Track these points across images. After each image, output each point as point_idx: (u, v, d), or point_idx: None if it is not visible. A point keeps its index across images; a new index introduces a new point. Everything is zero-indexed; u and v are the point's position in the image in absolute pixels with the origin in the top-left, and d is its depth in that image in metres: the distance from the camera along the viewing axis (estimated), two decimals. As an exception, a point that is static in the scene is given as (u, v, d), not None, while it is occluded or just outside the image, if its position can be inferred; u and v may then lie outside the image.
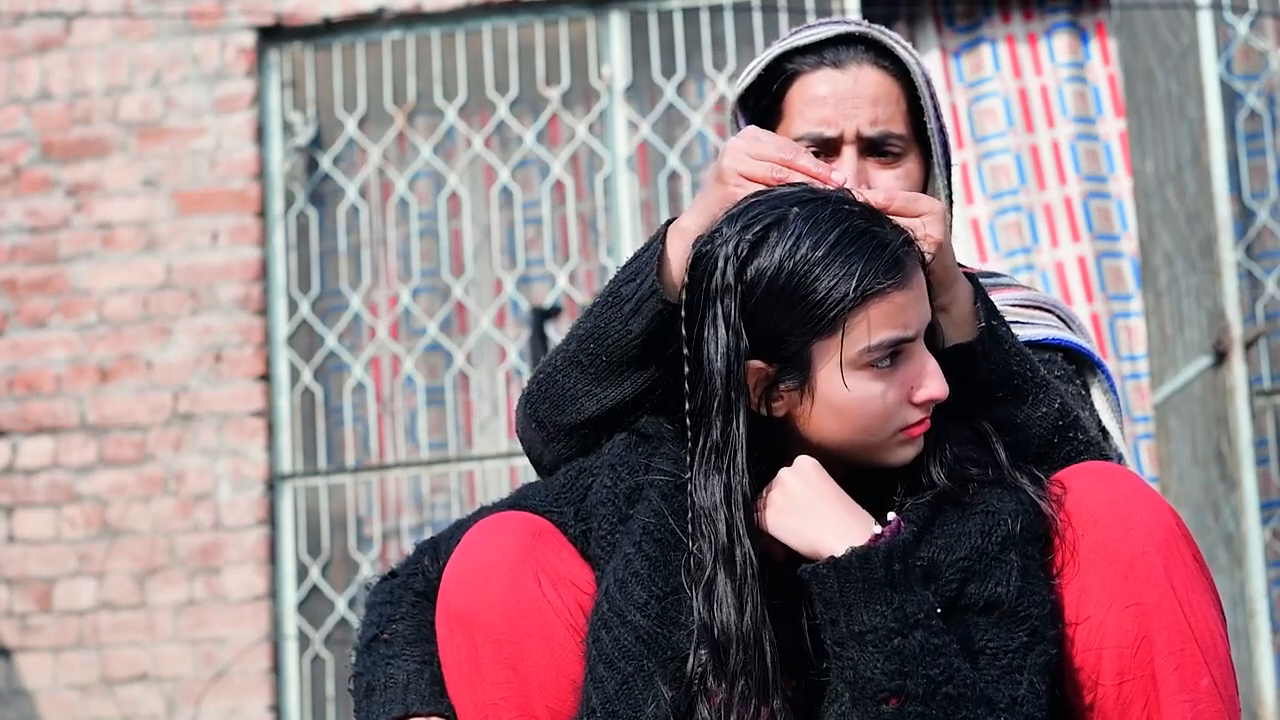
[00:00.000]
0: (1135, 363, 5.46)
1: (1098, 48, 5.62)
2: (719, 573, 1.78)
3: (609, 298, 1.96)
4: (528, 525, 1.91)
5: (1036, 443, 1.92)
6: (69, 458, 5.44)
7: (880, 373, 1.79)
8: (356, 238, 5.70)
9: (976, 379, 1.89)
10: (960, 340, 1.89)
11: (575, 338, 1.99)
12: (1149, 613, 1.82)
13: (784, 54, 2.14)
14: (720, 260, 1.79)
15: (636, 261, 1.96)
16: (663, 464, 1.90)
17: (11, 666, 5.36)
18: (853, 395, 1.79)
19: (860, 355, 1.78)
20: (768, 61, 2.14)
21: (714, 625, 1.77)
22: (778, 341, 1.79)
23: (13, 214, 5.57)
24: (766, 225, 1.79)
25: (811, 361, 1.79)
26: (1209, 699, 1.82)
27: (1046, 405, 1.92)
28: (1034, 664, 1.78)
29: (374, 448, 5.62)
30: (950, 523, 1.83)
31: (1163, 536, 1.84)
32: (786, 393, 1.81)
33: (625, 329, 1.93)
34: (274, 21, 5.58)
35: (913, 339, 1.80)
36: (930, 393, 1.81)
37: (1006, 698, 1.74)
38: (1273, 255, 5.28)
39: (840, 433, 1.82)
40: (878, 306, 1.77)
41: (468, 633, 1.87)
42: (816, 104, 2.10)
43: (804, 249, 1.77)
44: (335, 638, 5.42)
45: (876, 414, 1.80)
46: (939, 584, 1.80)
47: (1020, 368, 1.92)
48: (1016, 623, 1.78)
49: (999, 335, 1.91)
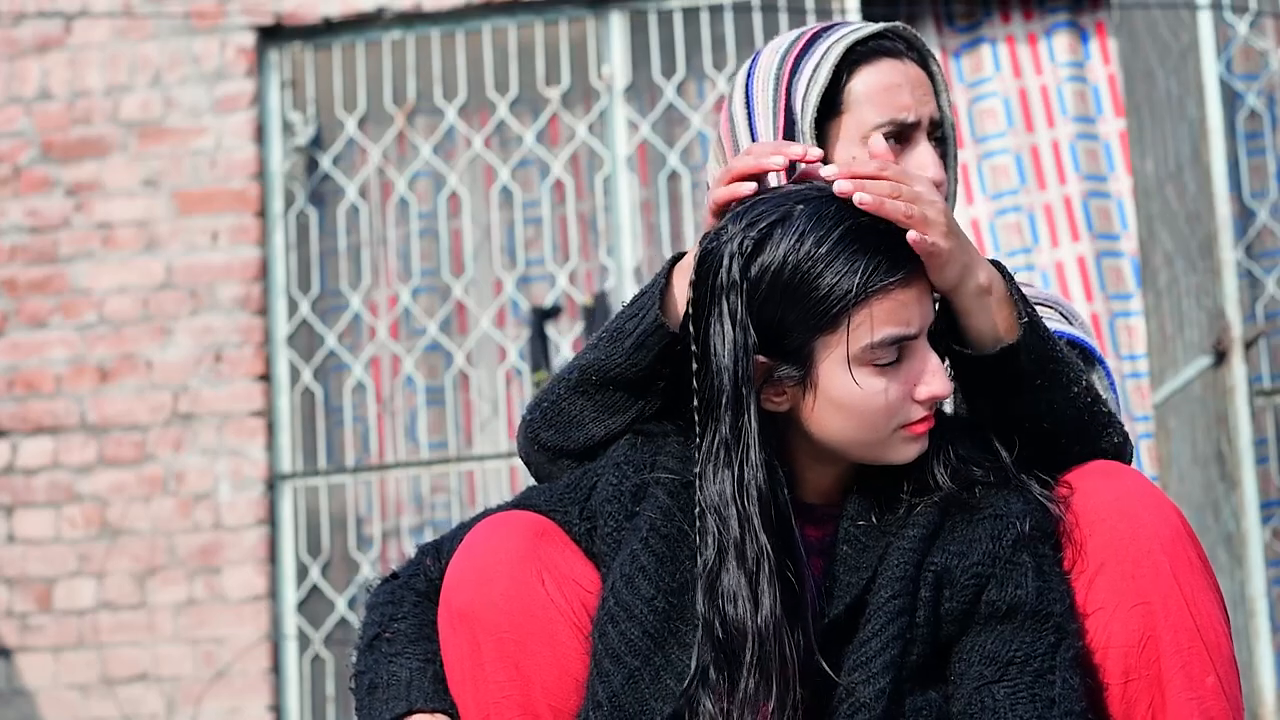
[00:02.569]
0: (1135, 362, 5.46)
1: (1098, 47, 5.62)
2: (728, 568, 1.78)
3: (614, 332, 1.97)
4: (531, 524, 1.91)
5: (1071, 424, 1.90)
6: (69, 458, 5.44)
7: (883, 370, 1.79)
8: (356, 238, 5.70)
9: (1015, 372, 1.87)
10: (1006, 340, 1.86)
11: (578, 367, 1.99)
12: (1155, 612, 1.82)
13: (848, 47, 2.10)
14: (725, 257, 1.79)
15: (641, 298, 1.97)
16: (668, 461, 1.90)
17: (11, 666, 5.36)
18: (855, 391, 1.79)
19: (863, 352, 1.78)
20: (840, 53, 2.09)
21: (721, 621, 1.77)
22: (781, 336, 1.79)
23: (13, 214, 5.57)
24: (771, 222, 1.79)
25: (814, 357, 1.79)
26: (1215, 697, 1.83)
27: (1077, 385, 1.91)
28: (1063, 660, 1.78)
29: (374, 448, 5.62)
30: (960, 528, 1.82)
31: (1169, 536, 1.84)
32: (789, 387, 1.81)
33: (629, 362, 1.95)
34: (274, 21, 5.58)
35: (915, 336, 1.80)
36: (932, 390, 1.81)
37: (1044, 701, 1.75)
38: (1273, 255, 5.28)
39: (842, 428, 1.82)
40: (881, 303, 1.77)
41: (470, 631, 1.86)
42: (892, 91, 2.08)
43: (808, 245, 1.77)
44: (335, 638, 5.42)
45: (879, 410, 1.80)
46: (954, 590, 1.80)
47: (1054, 351, 1.90)
48: (1041, 622, 1.78)
49: (1036, 324, 1.89)
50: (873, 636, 1.79)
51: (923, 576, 1.81)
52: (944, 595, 1.80)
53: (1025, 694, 1.75)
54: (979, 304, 1.86)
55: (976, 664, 1.78)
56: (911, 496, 1.85)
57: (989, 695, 1.76)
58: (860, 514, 1.86)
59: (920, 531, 1.82)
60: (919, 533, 1.82)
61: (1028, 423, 1.90)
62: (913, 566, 1.80)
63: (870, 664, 1.78)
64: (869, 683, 1.77)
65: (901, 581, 1.80)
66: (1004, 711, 1.75)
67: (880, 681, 1.77)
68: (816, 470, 1.88)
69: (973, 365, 1.88)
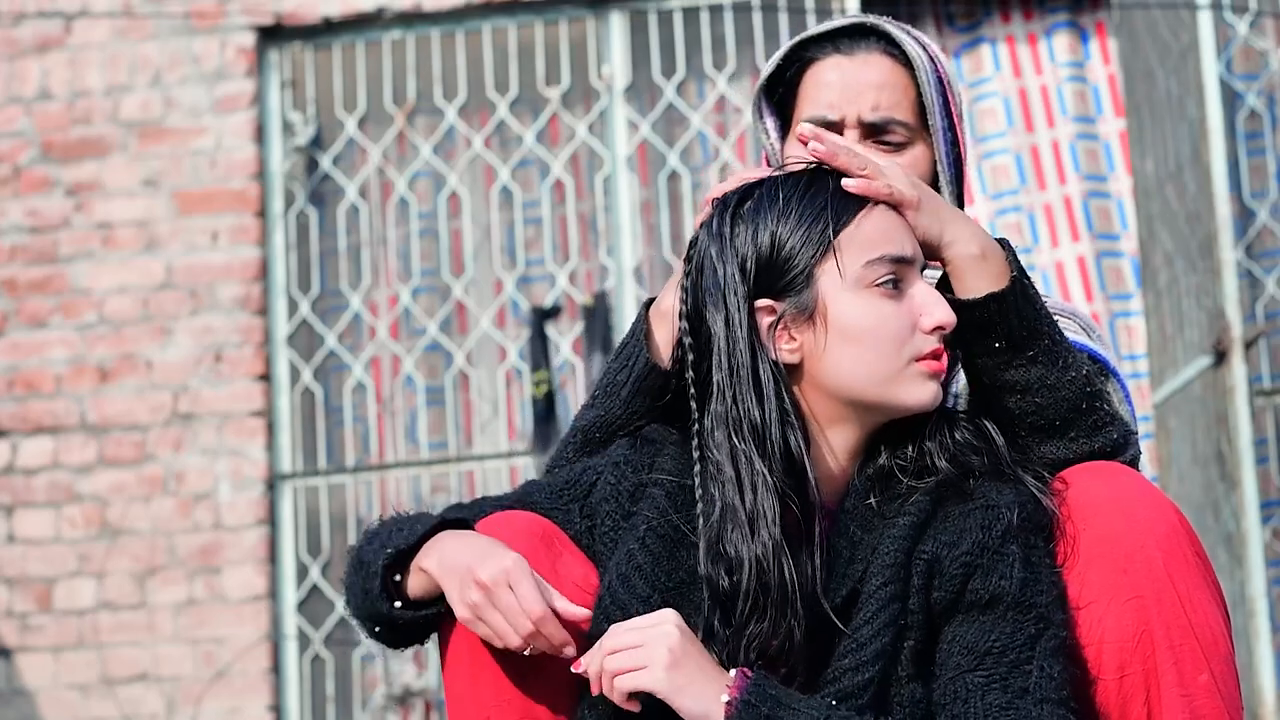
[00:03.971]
0: (1135, 363, 5.46)
1: (1098, 47, 5.62)
2: (734, 511, 1.80)
3: (606, 387, 2.04)
4: (532, 528, 1.91)
5: (1066, 406, 1.91)
6: (69, 458, 5.44)
7: (886, 293, 1.83)
8: (356, 237, 5.70)
9: (1008, 334, 1.90)
10: (993, 289, 1.89)
11: (580, 430, 2.06)
12: (1148, 607, 1.82)
13: (800, 44, 2.21)
14: (713, 220, 1.87)
15: (625, 350, 2.04)
16: (666, 464, 1.92)
17: (11, 666, 5.36)
18: (862, 317, 1.83)
19: (862, 271, 1.83)
20: (786, 51, 2.22)
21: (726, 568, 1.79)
22: (780, 274, 1.84)
23: (13, 214, 5.57)
24: (749, 185, 1.89)
25: (817, 286, 1.84)
26: (1207, 695, 1.82)
27: (1075, 370, 1.92)
28: (1044, 650, 1.78)
29: (374, 448, 5.62)
30: (952, 518, 1.83)
31: (1164, 532, 1.84)
32: (798, 331, 1.84)
33: (629, 410, 2.01)
34: (274, 21, 5.58)
35: (910, 260, 1.85)
36: (938, 319, 1.84)
37: (1015, 690, 1.75)
38: (1273, 255, 5.28)
39: (855, 363, 1.83)
40: (868, 219, 1.85)
41: (471, 634, 1.86)
42: (824, 88, 2.17)
43: (787, 187, 1.87)
44: (335, 638, 5.42)
45: (889, 338, 1.83)
46: (942, 579, 1.80)
47: (1050, 328, 1.92)
48: (1022, 612, 1.79)
49: (1030, 292, 1.92)
50: (864, 624, 1.80)
51: (914, 565, 1.81)
52: (933, 584, 1.80)
53: (998, 683, 1.76)
54: (972, 267, 1.90)
55: (956, 654, 1.79)
56: (910, 480, 1.85)
57: (962, 683, 1.77)
58: (859, 506, 1.86)
59: (911, 520, 1.83)
60: (910, 520, 1.83)
61: (1023, 397, 1.90)
62: (903, 554, 1.81)
63: (860, 651, 1.79)
64: (858, 670, 1.78)
65: (892, 569, 1.80)
66: (975, 700, 1.76)
67: (869, 670, 1.78)
68: (830, 437, 1.87)
69: (966, 319, 1.89)
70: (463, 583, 1.80)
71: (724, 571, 1.79)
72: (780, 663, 1.80)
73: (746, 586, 1.78)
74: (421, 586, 1.87)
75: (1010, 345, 1.89)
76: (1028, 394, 1.90)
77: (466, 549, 1.83)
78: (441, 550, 1.85)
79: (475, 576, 1.79)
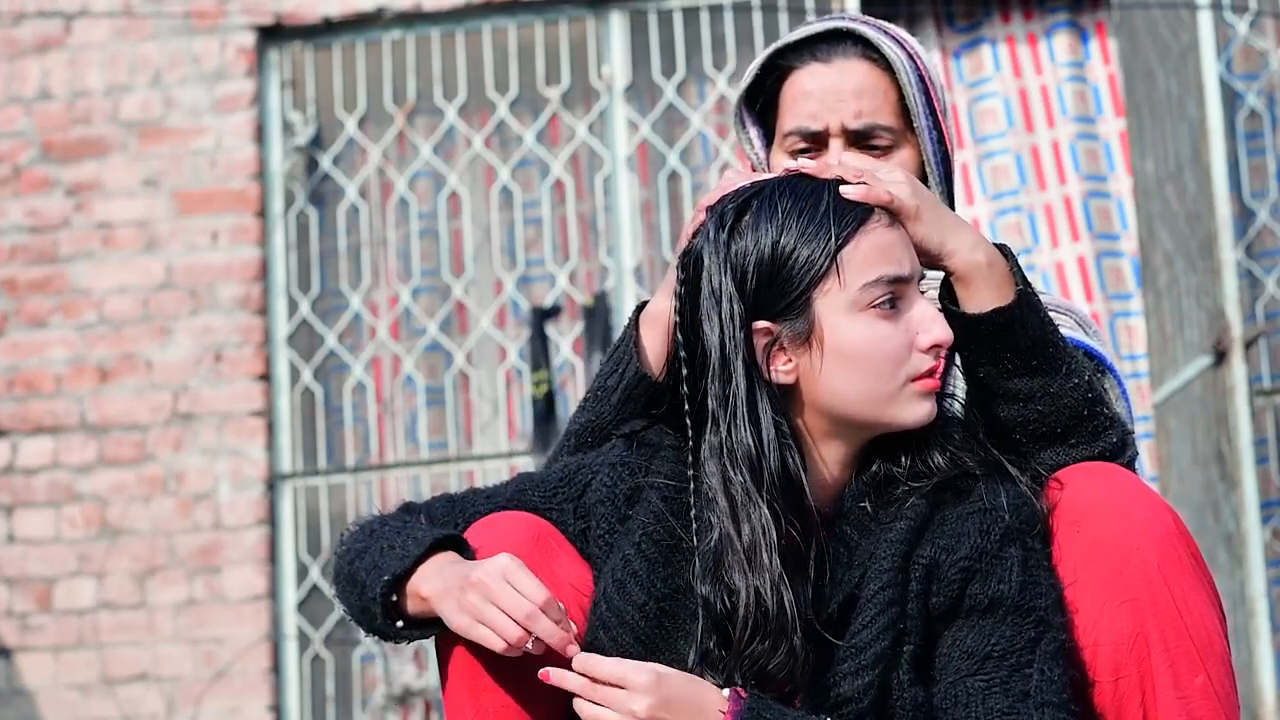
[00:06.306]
0: (1135, 362, 5.46)
1: (1098, 47, 5.61)
2: (731, 538, 1.79)
3: (597, 392, 2.05)
4: (527, 529, 1.91)
5: (1068, 414, 1.91)
6: (69, 457, 5.44)
7: (884, 313, 1.82)
8: (356, 237, 5.70)
9: (1013, 346, 1.89)
10: (999, 304, 1.89)
11: (572, 433, 2.06)
12: (1143, 609, 1.82)
13: (778, 52, 2.19)
14: (709, 232, 1.84)
15: (615, 354, 2.04)
16: (662, 467, 1.91)
17: (11, 666, 5.37)
18: (859, 338, 1.81)
19: (860, 293, 1.81)
20: (763, 61, 2.20)
21: (726, 592, 1.78)
22: (778, 296, 1.82)
23: (13, 214, 5.57)
24: (746, 198, 1.85)
25: (814, 308, 1.82)
26: (1203, 697, 1.82)
27: (1078, 376, 1.91)
28: (1044, 654, 1.78)
29: (374, 447, 5.62)
30: (949, 521, 1.83)
31: (1159, 533, 1.84)
32: (795, 353, 1.83)
33: (619, 416, 2.02)
34: (274, 21, 5.58)
35: (908, 278, 1.84)
36: (935, 337, 1.83)
37: (1017, 694, 1.75)
38: (1273, 255, 5.28)
39: (850, 384, 1.82)
40: (868, 238, 1.82)
41: (469, 646, 1.85)
42: (803, 99, 2.15)
43: (785, 204, 1.83)
44: (335, 638, 5.42)
45: (886, 358, 1.82)
46: (941, 584, 1.80)
47: (1054, 336, 1.92)
48: (1022, 616, 1.79)
49: (1034, 301, 1.91)
50: (863, 628, 1.79)
51: (912, 569, 1.81)
52: (932, 589, 1.80)
53: (999, 687, 1.76)
54: (974, 277, 1.89)
55: (956, 658, 1.79)
56: (908, 481, 1.85)
57: (963, 688, 1.77)
58: (855, 510, 1.85)
59: (908, 524, 1.82)
60: (907, 524, 1.82)
61: (1026, 405, 1.90)
62: (900, 558, 1.80)
63: (860, 655, 1.78)
64: (858, 674, 1.78)
65: (890, 573, 1.80)
66: (975, 704, 1.76)
67: (869, 674, 1.77)
68: (824, 451, 1.87)
69: (971, 333, 1.88)
70: (459, 595, 1.80)
71: (722, 598, 1.79)
72: (784, 680, 1.79)
73: (744, 615, 1.77)
74: (419, 608, 1.86)
75: (1014, 356, 1.89)
76: (1030, 402, 1.90)
77: (458, 571, 1.82)
78: (437, 576, 1.84)
79: (468, 579, 1.79)
